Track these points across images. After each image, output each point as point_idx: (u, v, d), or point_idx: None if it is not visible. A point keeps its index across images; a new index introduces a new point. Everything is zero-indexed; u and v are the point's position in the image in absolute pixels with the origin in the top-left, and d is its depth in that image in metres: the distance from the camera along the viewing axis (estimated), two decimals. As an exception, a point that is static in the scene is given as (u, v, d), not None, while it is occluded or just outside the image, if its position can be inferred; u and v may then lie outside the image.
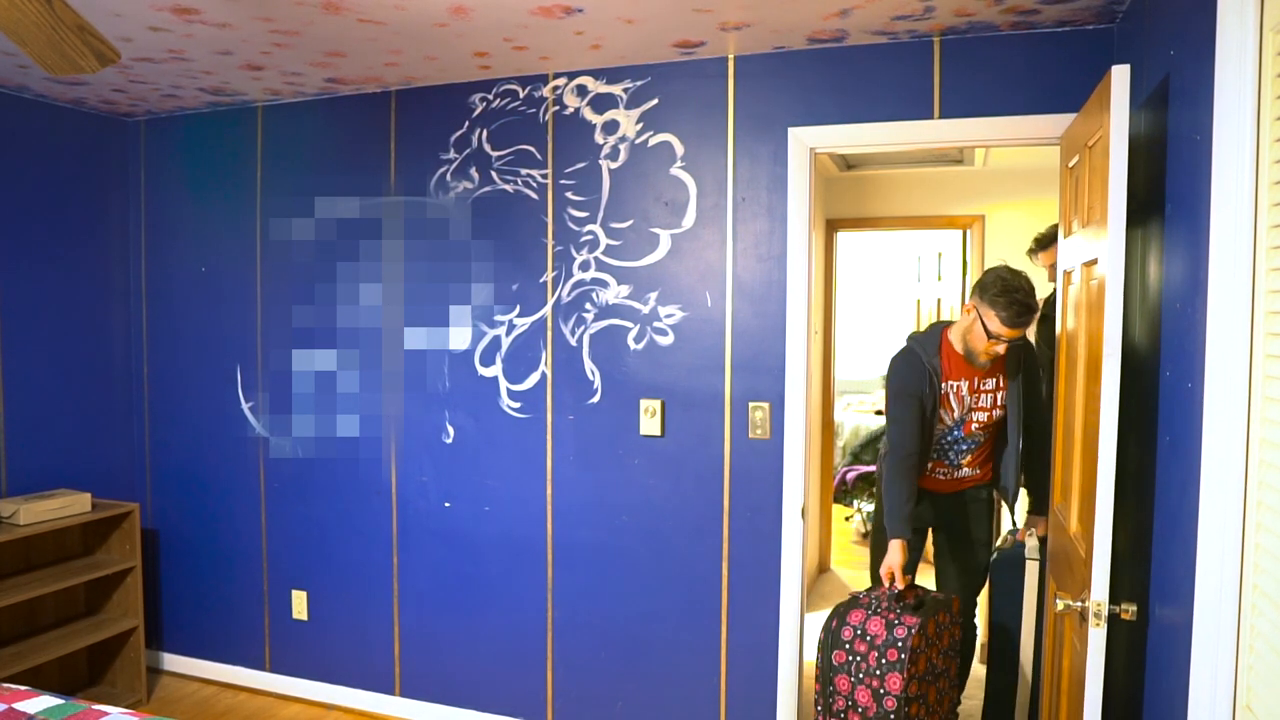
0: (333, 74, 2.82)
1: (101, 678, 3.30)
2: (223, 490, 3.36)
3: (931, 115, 2.44)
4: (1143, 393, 1.83)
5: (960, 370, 2.60)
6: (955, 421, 2.64)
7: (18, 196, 3.05)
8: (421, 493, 3.07)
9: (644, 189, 2.72)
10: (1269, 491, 1.21)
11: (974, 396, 2.62)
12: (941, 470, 2.72)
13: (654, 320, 2.73)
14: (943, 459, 2.71)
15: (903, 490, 2.51)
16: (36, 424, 3.13)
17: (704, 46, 2.53)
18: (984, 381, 2.62)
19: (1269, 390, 1.22)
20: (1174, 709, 1.50)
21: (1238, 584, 1.28)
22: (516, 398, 2.91)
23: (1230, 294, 1.28)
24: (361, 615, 3.17)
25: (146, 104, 3.21)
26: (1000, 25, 2.31)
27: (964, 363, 2.59)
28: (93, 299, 3.34)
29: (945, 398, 2.60)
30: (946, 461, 2.71)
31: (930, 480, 2.73)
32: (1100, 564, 1.60)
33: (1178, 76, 1.62)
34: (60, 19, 1.62)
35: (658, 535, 2.76)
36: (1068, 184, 2.16)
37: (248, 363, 3.29)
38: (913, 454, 2.54)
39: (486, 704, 3.01)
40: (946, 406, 2.61)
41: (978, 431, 2.66)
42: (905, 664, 2.19)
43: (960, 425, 2.65)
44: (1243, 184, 1.25)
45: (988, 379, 2.62)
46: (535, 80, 2.82)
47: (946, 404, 2.61)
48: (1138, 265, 1.90)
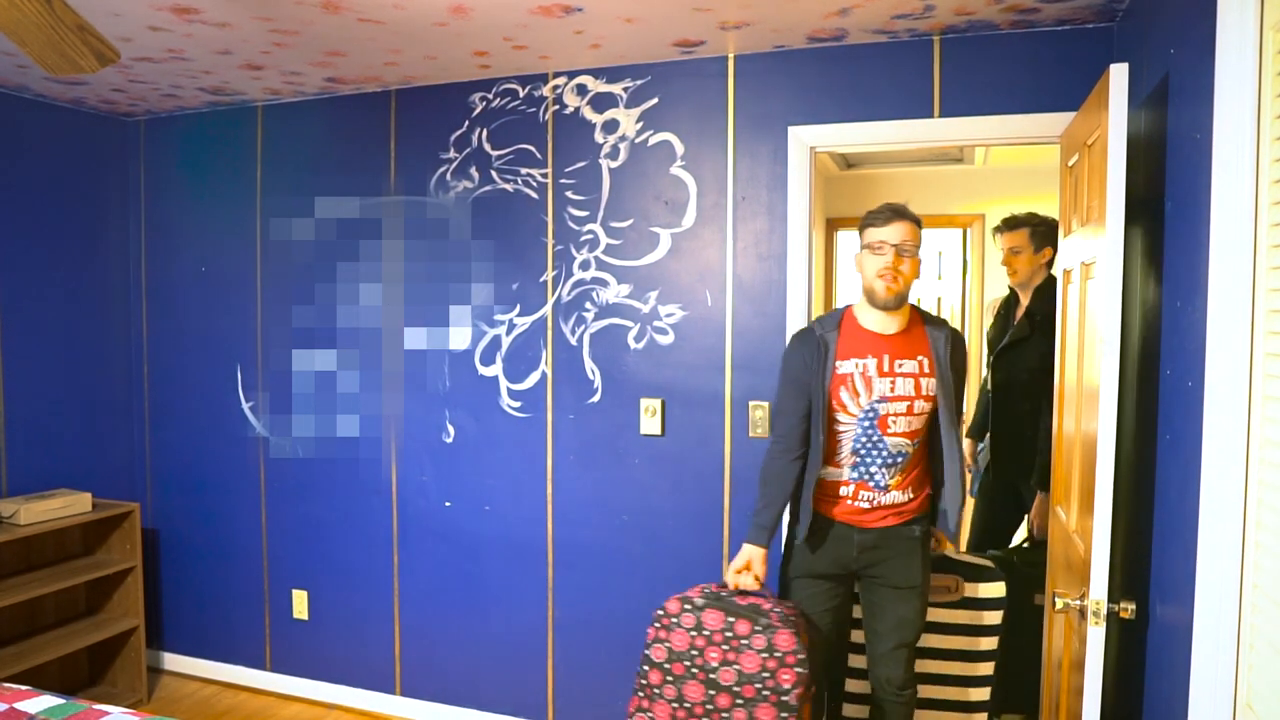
0: (332, 73, 2.82)
1: (102, 677, 3.30)
2: (223, 490, 3.36)
3: (931, 114, 2.44)
4: (1142, 391, 1.83)
5: (865, 345, 2.12)
6: (862, 412, 2.10)
7: (18, 196, 3.05)
8: (422, 492, 3.07)
9: (644, 188, 2.72)
10: (1269, 490, 1.21)
11: (886, 380, 2.09)
12: (865, 495, 2.14)
13: (654, 319, 2.73)
14: (865, 478, 2.13)
15: (768, 492, 2.18)
16: (36, 424, 3.13)
17: (704, 46, 2.53)
18: (899, 362, 2.10)
19: (1269, 389, 1.22)
20: (1174, 708, 1.50)
21: (1238, 583, 1.28)
22: (517, 397, 2.91)
23: (1230, 292, 1.28)
24: (362, 615, 3.17)
25: (146, 104, 3.21)
26: (1000, 24, 2.31)
27: (871, 337, 2.12)
28: (93, 299, 3.34)
29: (844, 380, 2.11)
30: (870, 481, 2.13)
31: (849, 510, 2.16)
32: (1099, 562, 1.60)
33: (1178, 75, 1.62)
34: (60, 19, 1.62)
35: (658, 534, 2.76)
36: (1067, 183, 2.16)
37: (248, 362, 3.29)
38: (790, 451, 2.15)
39: (487, 703, 3.01)
40: (850, 390, 2.10)
41: (902, 437, 2.10)
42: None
43: (872, 420, 2.10)
44: (1243, 183, 1.25)
45: (904, 359, 2.10)
46: (535, 79, 2.82)
47: (848, 388, 2.10)
48: (1138, 264, 1.90)
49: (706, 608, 2.18)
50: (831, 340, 2.14)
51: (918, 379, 2.10)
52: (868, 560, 2.18)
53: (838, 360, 2.12)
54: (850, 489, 2.15)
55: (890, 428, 2.10)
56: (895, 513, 2.16)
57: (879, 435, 2.10)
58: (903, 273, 2.06)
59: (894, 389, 2.09)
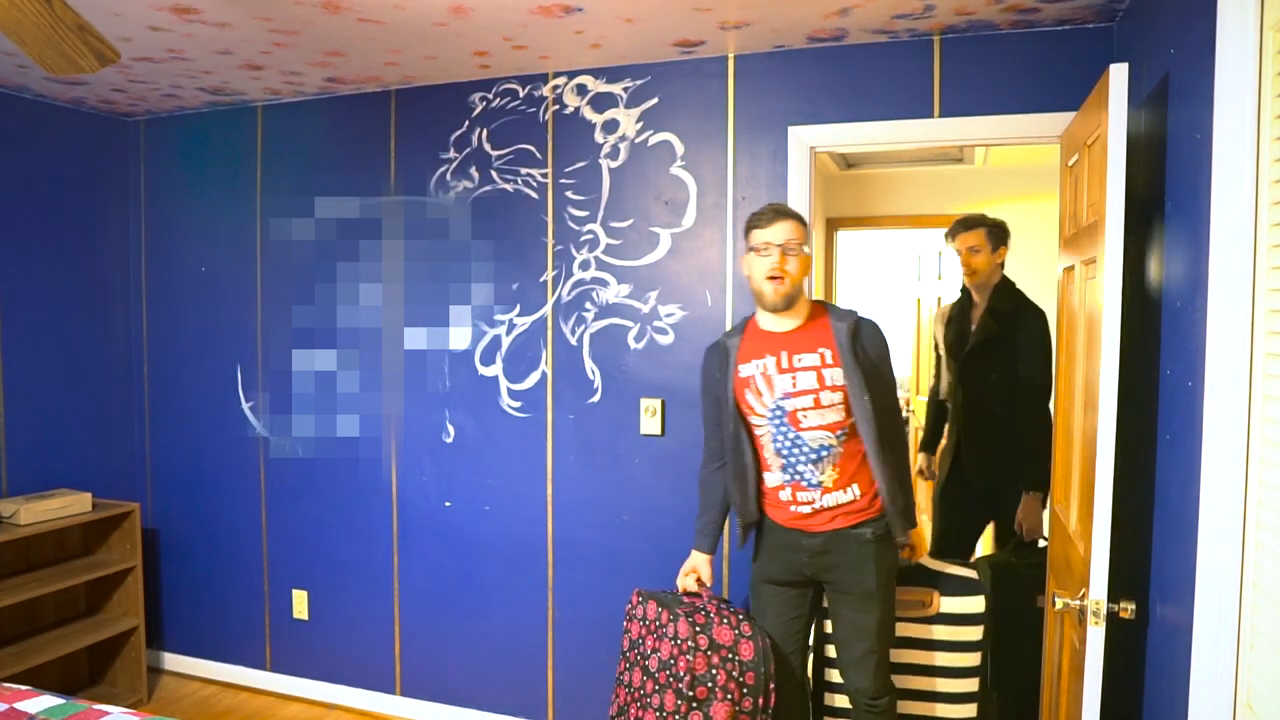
0: (332, 73, 2.82)
1: (102, 677, 3.30)
2: (223, 490, 3.36)
3: (931, 114, 2.44)
4: (1143, 391, 1.83)
5: (764, 345, 2.13)
6: (770, 411, 2.09)
7: (17, 196, 3.05)
8: (422, 492, 3.07)
9: (644, 188, 2.72)
10: (1269, 490, 1.21)
11: (786, 376, 2.07)
12: (804, 496, 2.09)
13: (654, 319, 2.73)
14: (796, 478, 2.10)
15: (701, 500, 2.32)
16: (36, 424, 3.13)
17: (704, 45, 2.53)
18: (798, 357, 2.08)
19: (1269, 389, 1.22)
20: (1174, 708, 1.50)
21: (1238, 582, 1.28)
22: (517, 397, 2.91)
23: (1230, 292, 1.28)
24: (362, 615, 3.17)
25: (146, 103, 3.21)
26: (1000, 24, 2.31)
27: (768, 337, 2.13)
28: (93, 299, 3.34)
29: (747, 383, 2.11)
30: (803, 481, 2.09)
31: (793, 515, 2.13)
32: (1099, 562, 1.60)
33: (1178, 75, 1.62)
34: (60, 19, 1.62)
35: (658, 534, 2.76)
36: (1067, 182, 2.16)
37: (248, 362, 3.29)
38: (713, 459, 2.27)
39: (487, 703, 3.01)
40: (754, 391, 2.10)
41: (821, 430, 2.06)
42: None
43: (782, 418, 2.08)
44: (1243, 182, 1.25)
45: (803, 353, 2.08)
46: (535, 79, 2.82)
47: (751, 389, 2.11)
48: (1138, 264, 1.90)
49: (650, 599, 2.33)
50: (733, 346, 2.16)
51: (819, 370, 2.06)
52: (820, 565, 2.13)
53: (739, 365, 2.13)
54: (788, 492, 2.12)
55: (803, 422, 2.07)
56: (844, 513, 2.10)
57: (794, 432, 2.08)
58: (789, 272, 2.05)
59: (795, 384, 2.07)
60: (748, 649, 2.14)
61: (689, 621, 2.16)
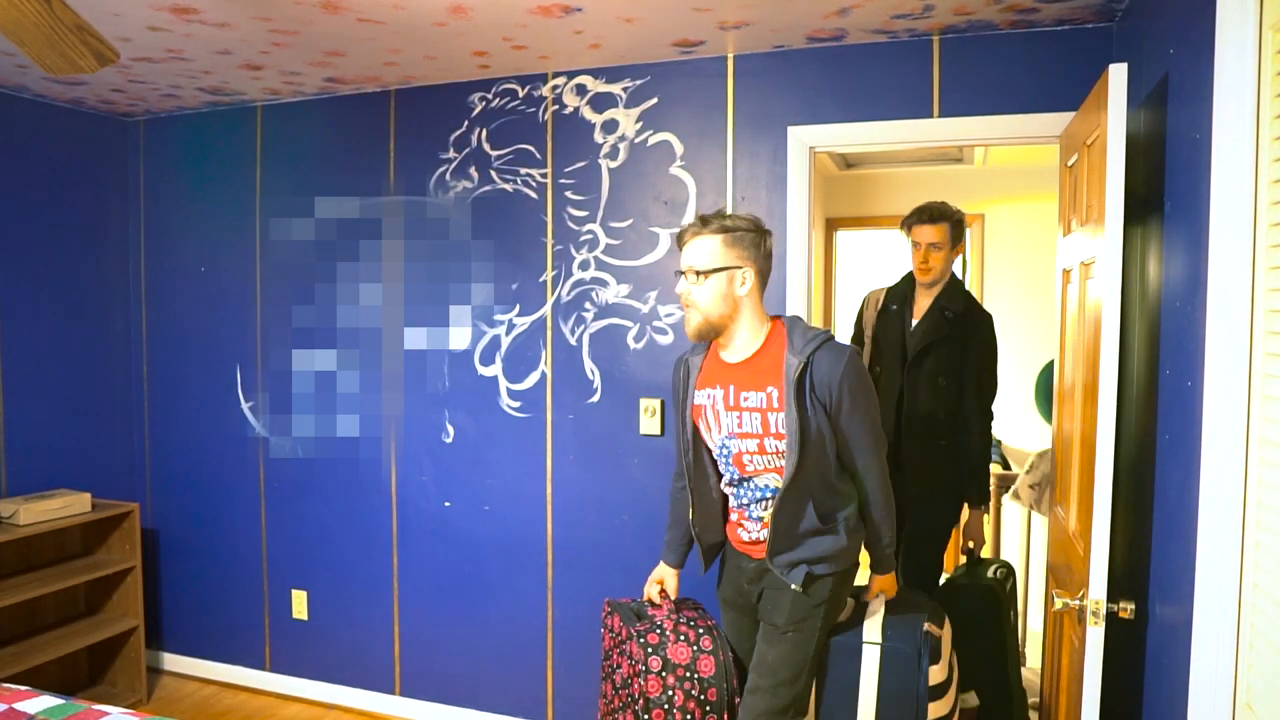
0: (332, 73, 2.82)
1: (101, 678, 3.30)
2: (223, 490, 3.36)
3: (931, 114, 2.44)
4: (1142, 391, 1.83)
5: (717, 374, 1.92)
6: (718, 448, 1.93)
7: (17, 196, 3.05)
8: (421, 492, 3.07)
9: (643, 188, 2.72)
10: (1269, 490, 1.21)
11: (733, 415, 1.87)
12: (747, 524, 1.99)
13: (654, 319, 2.73)
14: (742, 507, 1.98)
15: (673, 512, 2.19)
16: (36, 424, 3.13)
17: (703, 45, 2.53)
18: (745, 395, 1.86)
19: (1268, 389, 1.22)
20: (1174, 708, 1.50)
21: (1238, 582, 1.28)
22: (516, 397, 2.91)
23: (1230, 292, 1.28)
24: (361, 615, 3.17)
25: (145, 104, 3.21)
26: (999, 24, 2.31)
27: (721, 366, 1.92)
28: (93, 299, 3.34)
29: (700, 411, 1.95)
30: (748, 513, 1.98)
31: (740, 540, 2.04)
32: (1098, 562, 1.60)
33: (1177, 75, 1.62)
34: (59, 19, 1.62)
35: (658, 534, 2.75)
36: (1067, 182, 2.16)
37: (248, 363, 3.29)
38: (680, 475, 2.10)
39: (486, 704, 3.01)
40: (705, 423, 1.94)
41: (770, 473, 1.88)
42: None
43: (727, 459, 1.92)
44: (1242, 182, 1.25)
45: (749, 390, 1.85)
46: (534, 79, 2.82)
47: (704, 420, 1.95)
48: (1137, 264, 1.90)
49: (615, 613, 2.27)
50: (695, 365, 1.97)
51: (764, 414, 1.83)
52: (755, 591, 2.01)
53: (696, 389, 1.96)
54: (736, 515, 2.02)
55: (748, 466, 1.89)
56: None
57: (737, 472, 1.92)
58: (694, 302, 1.86)
59: (740, 424, 1.86)
60: (708, 665, 2.05)
61: (640, 644, 2.08)
